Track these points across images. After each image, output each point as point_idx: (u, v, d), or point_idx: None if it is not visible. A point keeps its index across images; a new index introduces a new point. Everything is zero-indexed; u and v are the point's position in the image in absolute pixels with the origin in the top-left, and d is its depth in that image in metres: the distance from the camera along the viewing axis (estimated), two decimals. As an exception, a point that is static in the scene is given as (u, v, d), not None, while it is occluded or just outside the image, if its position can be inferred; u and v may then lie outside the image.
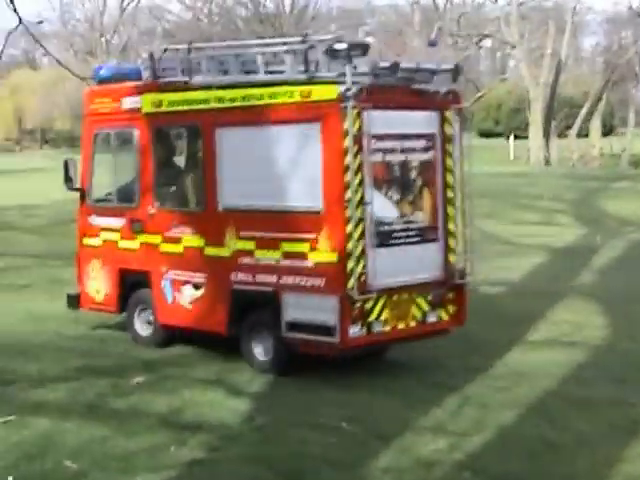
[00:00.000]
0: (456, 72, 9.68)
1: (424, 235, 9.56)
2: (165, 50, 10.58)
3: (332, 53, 8.84)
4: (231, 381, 9.38)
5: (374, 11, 77.10)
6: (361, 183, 8.91)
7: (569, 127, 52.81)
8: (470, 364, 10.25)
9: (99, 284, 11.26)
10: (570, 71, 60.20)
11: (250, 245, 9.61)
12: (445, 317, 9.77)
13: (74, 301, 11.60)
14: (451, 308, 9.78)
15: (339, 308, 8.83)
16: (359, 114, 8.83)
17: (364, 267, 8.94)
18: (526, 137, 51.03)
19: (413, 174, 9.47)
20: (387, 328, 9.21)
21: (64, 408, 8.38)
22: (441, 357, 10.60)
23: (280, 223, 9.34)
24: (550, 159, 48.25)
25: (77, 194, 11.48)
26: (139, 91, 10.67)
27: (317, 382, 9.45)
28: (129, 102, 10.79)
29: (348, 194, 8.81)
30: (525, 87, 52.22)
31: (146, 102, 10.60)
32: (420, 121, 9.53)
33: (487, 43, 66.53)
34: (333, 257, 8.91)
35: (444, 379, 9.65)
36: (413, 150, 9.45)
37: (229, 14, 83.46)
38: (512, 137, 49.11)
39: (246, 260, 9.60)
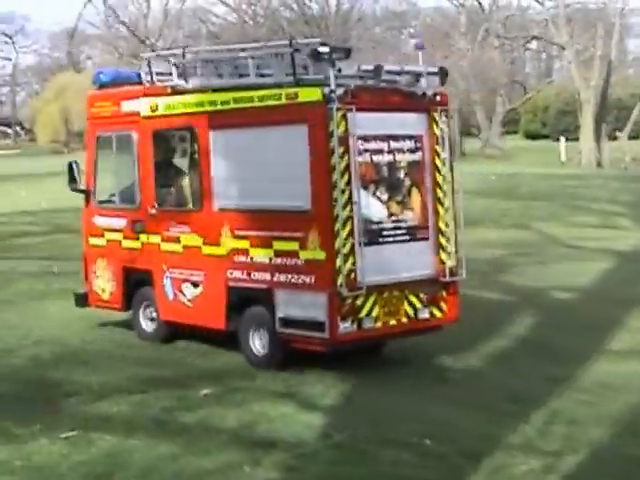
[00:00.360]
0: (443, 75, 9.89)
1: (414, 234, 9.67)
2: (156, 55, 10.95)
3: (316, 56, 9.04)
4: (302, 393, 8.85)
5: (419, 13, 76.44)
6: (348, 183, 9.07)
7: (618, 129, 51.89)
8: (550, 374, 9.77)
9: (105, 283, 11.53)
10: (618, 73, 59.19)
11: (244, 244, 9.76)
12: (438, 314, 9.81)
13: (82, 300, 11.87)
14: (444, 305, 9.83)
15: (328, 304, 9.00)
16: (344, 116, 9.00)
17: (353, 264, 9.07)
18: (574, 139, 50.20)
19: (401, 174, 9.59)
20: (378, 324, 9.34)
21: (129, 423, 7.87)
22: (517, 366, 10.14)
23: (271, 222, 9.53)
24: (602, 161, 47.39)
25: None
26: (137, 95, 10.93)
27: (388, 393, 8.99)
28: (128, 106, 11.05)
29: (335, 193, 8.94)
30: (573, 89, 51.45)
31: (144, 106, 10.81)
32: (408, 122, 9.69)
33: (532, 45, 65.76)
34: (322, 255, 9.05)
35: (524, 391, 9.17)
36: (401, 151, 9.58)
37: (274, 16, 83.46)
38: (563, 139, 48.26)
39: (241, 258, 9.77)
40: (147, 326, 11.17)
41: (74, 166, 11.59)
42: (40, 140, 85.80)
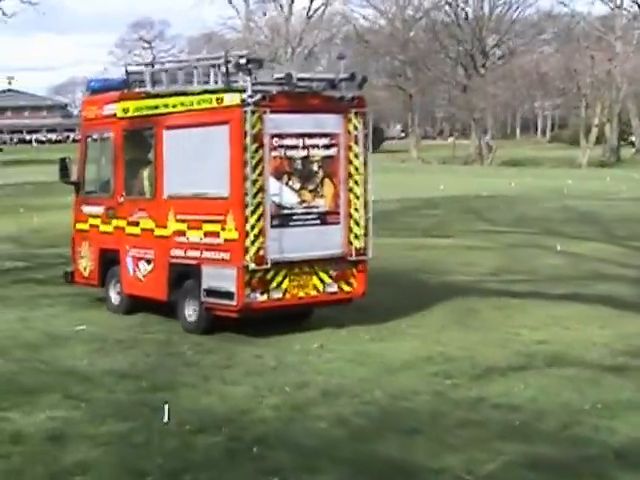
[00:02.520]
0: (362, 81, 12.08)
1: (325, 218, 11.89)
2: (127, 65, 13.65)
3: (236, 66, 11.32)
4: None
5: (574, 15, 76.05)
6: (261, 174, 11.28)
7: None
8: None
9: (86, 262, 14.15)
10: None
11: (183, 226, 12.15)
12: (346, 288, 12.09)
13: (69, 277, 14.59)
14: (353, 281, 12.12)
15: (237, 277, 11.28)
16: (260, 117, 11.21)
17: (262, 243, 11.30)
18: None
19: (315, 167, 11.76)
20: (287, 295, 11.60)
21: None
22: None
23: (202, 208, 11.85)
24: None
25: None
26: (115, 100, 13.46)
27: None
28: (108, 109, 13.65)
29: (247, 183, 11.18)
30: None
31: (118, 109, 13.38)
32: (323, 122, 11.80)
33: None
34: (235, 235, 11.32)
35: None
36: (315, 147, 11.75)
37: (427, 18, 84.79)
38: None
39: (180, 239, 12.16)
40: (114, 299, 13.68)
41: (67, 161, 14.24)
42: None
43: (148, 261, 12.79)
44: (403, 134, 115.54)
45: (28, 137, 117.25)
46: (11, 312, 13.64)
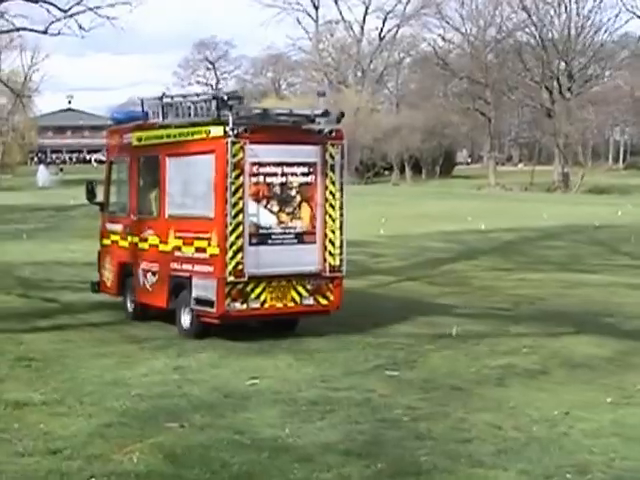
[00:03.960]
0: (340, 116, 14.18)
1: (302, 238, 13.91)
2: (142, 99, 15.75)
3: (219, 102, 13.47)
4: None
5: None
6: (241, 198, 13.38)
7: None
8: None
9: (108, 273, 16.66)
10: None
11: (180, 242, 14.37)
12: (323, 301, 14.12)
13: (95, 286, 17.15)
14: (329, 295, 14.16)
15: (217, 288, 13.48)
16: (242, 147, 13.32)
17: (241, 259, 13.43)
18: None
19: (293, 192, 13.82)
20: (266, 306, 13.68)
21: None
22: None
23: (194, 226, 14.04)
24: None
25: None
26: (131, 130, 15.93)
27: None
28: (126, 138, 16.16)
29: (228, 205, 13.32)
30: None
31: (134, 138, 15.83)
32: (301, 152, 13.86)
33: None
34: (217, 251, 13.47)
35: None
36: (294, 174, 13.82)
37: (511, 39, 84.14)
38: None
39: (178, 253, 14.37)
40: (130, 307, 16.09)
41: (93, 184, 16.92)
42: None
43: (154, 273, 15.04)
44: (469, 159, 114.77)
45: (88, 157, 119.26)
46: (158, 359, 12.58)
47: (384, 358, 12.75)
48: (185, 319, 14.30)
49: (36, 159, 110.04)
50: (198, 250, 13.88)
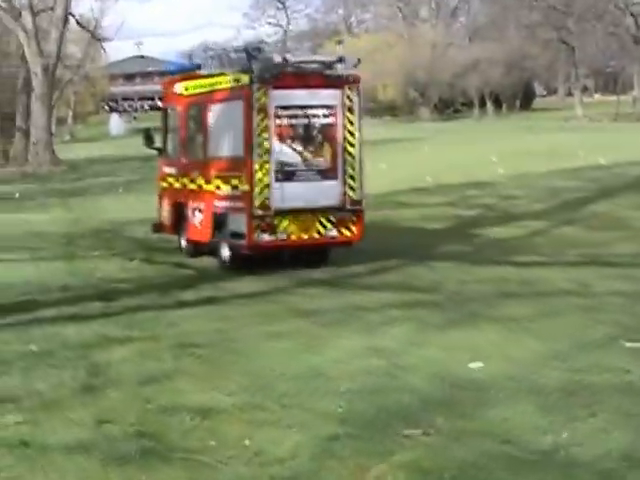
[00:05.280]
0: (357, 62, 15.38)
1: (324, 175, 15.14)
2: (189, 53, 18.16)
3: (247, 53, 14.94)
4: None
5: None
6: (267, 138, 14.73)
7: None
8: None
9: (166, 214, 18.15)
10: None
11: (220, 182, 15.84)
12: (346, 233, 15.29)
13: (156, 227, 18.53)
14: (352, 227, 15.27)
15: (247, 221, 14.87)
16: (265, 92, 14.68)
17: (268, 194, 14.73)
18: None
19: (315, 132, 15.07)
20: (293, 237, 14.96)
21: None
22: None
23: (229, 166, 15.52)
24: None
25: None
26: (180, 80, 17.70)
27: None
28: (176, 88, 17.84)
29: (254, 145, 14.70)
30: None
31: (182, 88, 17.56)
32: (322, 96, 15.12)
33: None
34: (247, 187, 14.86)
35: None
36: (315, 116, 15.09)
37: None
38: None
39: (218, 192, 15.89)
40: (183, 244, 17.53)
41: (150, 131, 18.68)
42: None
43: (200, 211, 16.45)
44: (545, 92, 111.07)
45: (159, 103, 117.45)
46: (344, 337, 10.49)
47: (610, 325, 10.67)
48: (224, 251, 15.76)
49: (107, 108, 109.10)
50: (233, 188, 15.30)
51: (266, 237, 14.78)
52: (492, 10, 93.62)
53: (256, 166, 14.63)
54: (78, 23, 60.03)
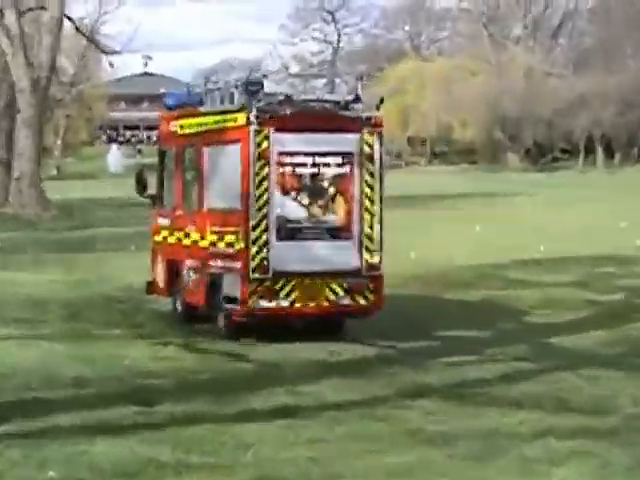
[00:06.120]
0: (380, 101, 16.42)
1: (336, 234, 16.01)
2: (188, 85, 19.14)
3: (243, 88, 15.89)
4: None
5: None
6: (267, 189, 15.55)
7: None
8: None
9: (160, 272, 19.22)
10: None
11: (215, 237, 16.74)
12: (362, 302, 16.08)
13: (149, 288, 19.61)
14: (369, 295, 16.10)
15: (241, 285, 15.73)
16: (267, 136, 15.50)
17: (266, 254, 15.54)
18: None
19: (326, 184, 15.91)
20: (297, 305, 15.81)
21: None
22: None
23: (226, 220, 16.33)
24: None
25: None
26: (176, 117, 18.57)
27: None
28: (172, 125, 18.67)
29: (252, 197, 15.54)
30: None
31: (177, 126, 18.47)
32: (335, 141, 15.97)
33: None
34: (243, 245, 15.68)
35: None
36: (327, 165, 15.89)
37: None
38: None
39: (213, 249, 16.79)
40: (178, 308, 18.38)
41: (143, 174, 19.49)
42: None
43: (195, 270, 17.43)
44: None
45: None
46: None
47: None
48: (220, 318, 16.68)
49: (105, 137, 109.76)
50: (228, 245, 16.24)
51: (265, 304, 15.71)
52: (603, 30, 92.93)
53: (253, 221, 15.62)
54: (78, 29, 59.91)
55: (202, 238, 17.16)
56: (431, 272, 24.36)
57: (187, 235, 17.78)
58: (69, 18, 53.63)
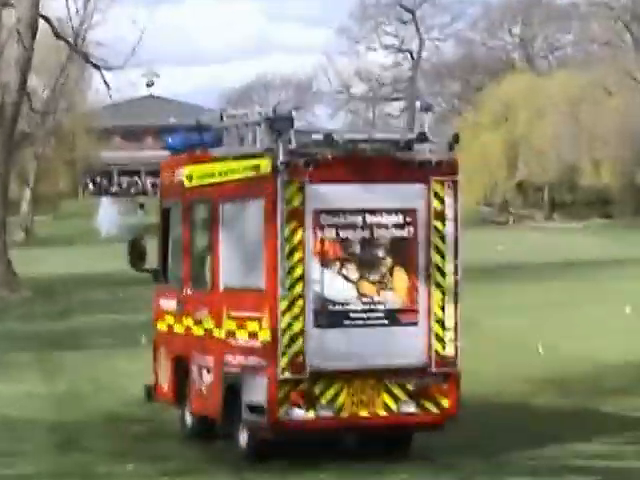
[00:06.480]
0: (454, 140, 16.30)
1: (396, 318, 16.13)
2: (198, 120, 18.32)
3: (267, 125, 15.89)
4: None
5: None
6: (301, 260, 15.71)
7: None
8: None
9: (164, 372, 19.32)
10: None
11: (234, 325, 16.85)
12: (432, 409, 16.21)
13: (149, 393, 19.83)
14: (440, 399, 16.19)
15: (268, 389, 15.68)
16: (300, 188, 15.68)
17: (302, 347, 15.69)
18: None
19: (381, 252, 16.08)
20: (344, 414, 15.90)
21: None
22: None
23: (246, 302, 16.45)
24: None
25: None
26: (184, 163, 18.69)
27: None
28: (178, 175, 18.84)
29: (281, 272, 15.55)
30: None
31: (185, 175, 18.54)
32: (394, 194, 16.13)
33: None
34: (269, 337, 15.78)
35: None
36: (382, 226, 16.10)
37: None
38: None
39: (232, 341, 16.85)
40: (188, 421, 18.58)
41: (140, 241, 19.80)
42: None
43: (209, 370, 17.57)
44: None
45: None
46: None
47: None
48: (242, 435, 16.63)
49: (93, 187, 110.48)
50: (251, 336, 16.43)
51: (300, 414, 15.85)
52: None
53: (284, 304, 15.79)
54: (58, 35, 59.26)
55: (217, 327, 17.31)
56: (570, 373, 24.16)
57: (198, 323, 17.99)
58: (45, 19, 52.97)
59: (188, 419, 18.57)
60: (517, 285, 38.32)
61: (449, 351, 16.20)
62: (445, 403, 16.22)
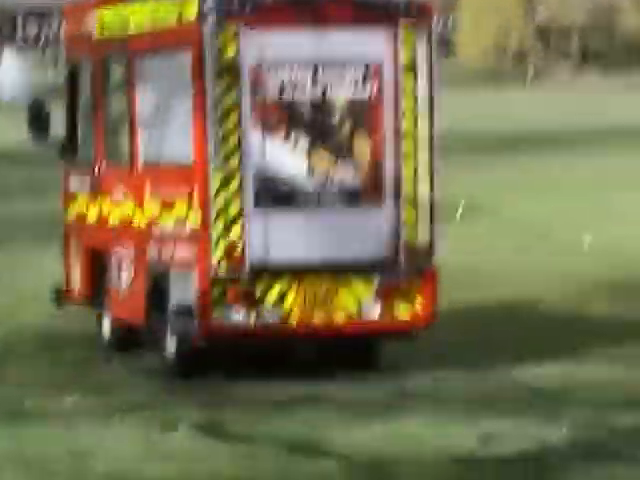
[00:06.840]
0: None
1: (357, 199, 16.85)
2: None
3: None
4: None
5: None
6: (237, 127, 16.18)
7: None
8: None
9: (75, 269, 21.39)
10: None
11: (157, 208, 18.60)
12: (400, 312, 16.85)
13: (57, 296, 21.78)
14: (411, 299, 16.78)
15: (199, 286, 16.49)
16: (235, 36, 16.10)
17: (240, 235, 16.35)
18: None
19: (336, 117, 16.58)
20: (293, 319, 16.58)
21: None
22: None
23: (171, 179, 17.79)
24: None
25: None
26: (94, 6, 20.23)
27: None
28: (87, 23, 20.18)
29: (212, 141, 16.15)
30: None
31: (97, 23, 19.98)
32: (353, 44, 16.47)
33: None
34: (198, 221, 16.53)
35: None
36: (336, 84, 16.45)
37: None
38: None
39: (155, 228, 18.78)
40: (106, 329, 20.56)
41: (42, 103, 21.18)
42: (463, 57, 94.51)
43: (130, 263, 18.69)
44: None
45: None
46: None
47: None
48: (169, 342, 17.67)
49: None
50: (178, 222, 17.34)
51: (238, 317, 16.72)
52: None
53: (216, 180, 16.53)
54: None
55: (138, 212, 18.13)
56: (627, 271, 26.32)
57: (116, 205, 18.84)
58: None
59: (107, 327, 19.58)
60: (542, 159, 44.40)
61: (422, 240, 16.53)
62: (417, 305, 16.66)
